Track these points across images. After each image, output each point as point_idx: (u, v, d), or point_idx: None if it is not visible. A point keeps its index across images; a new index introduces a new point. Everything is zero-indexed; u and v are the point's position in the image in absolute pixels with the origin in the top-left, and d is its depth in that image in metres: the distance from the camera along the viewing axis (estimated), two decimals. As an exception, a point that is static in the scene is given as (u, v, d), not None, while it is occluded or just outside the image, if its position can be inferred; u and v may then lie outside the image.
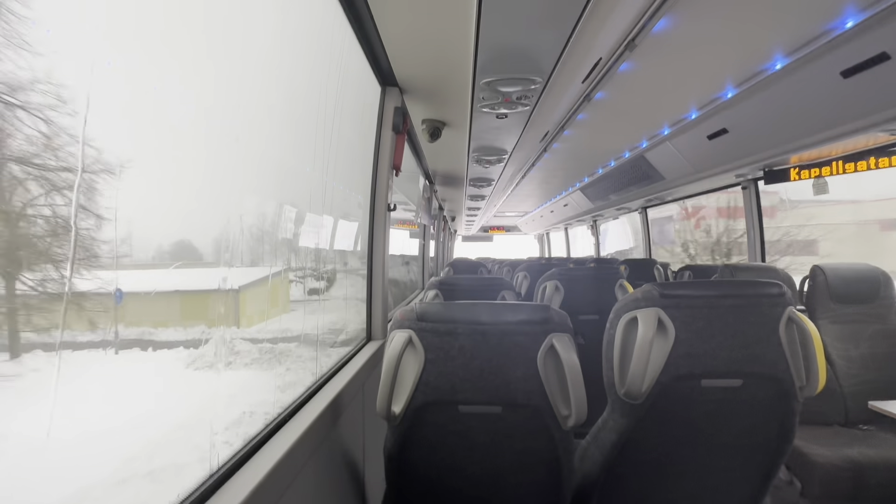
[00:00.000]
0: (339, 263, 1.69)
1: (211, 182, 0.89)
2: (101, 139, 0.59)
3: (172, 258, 0.80)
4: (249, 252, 0.99)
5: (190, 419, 0.82)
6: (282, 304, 1.29)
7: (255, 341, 1.12)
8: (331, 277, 1.61)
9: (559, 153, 3.61)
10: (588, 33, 1.48)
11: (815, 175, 2.60)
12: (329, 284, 1.58)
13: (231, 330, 0.96)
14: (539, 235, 10.64)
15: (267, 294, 1.17)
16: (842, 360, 2.15)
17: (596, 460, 1.19)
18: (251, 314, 1.13)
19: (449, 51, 1.52)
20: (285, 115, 1.21)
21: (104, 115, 0.60)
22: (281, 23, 1.16)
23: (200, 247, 0.88)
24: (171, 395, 0.86)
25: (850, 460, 1.72)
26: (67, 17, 0.55)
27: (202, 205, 0.89)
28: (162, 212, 0.80)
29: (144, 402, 0.77)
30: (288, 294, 1.33)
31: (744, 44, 1.80)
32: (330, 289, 1.59)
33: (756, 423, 1.15)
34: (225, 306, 0.88)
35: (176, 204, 0.83)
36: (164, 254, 0.80)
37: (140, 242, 0.70)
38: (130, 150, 0.66)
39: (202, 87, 0.84)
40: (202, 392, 0.85)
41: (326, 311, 1.48)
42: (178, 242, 0.83)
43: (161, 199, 0.78)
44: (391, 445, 1.05)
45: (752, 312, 1.10)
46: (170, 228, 0.82)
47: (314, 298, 1.42)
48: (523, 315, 1.01)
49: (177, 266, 0.79)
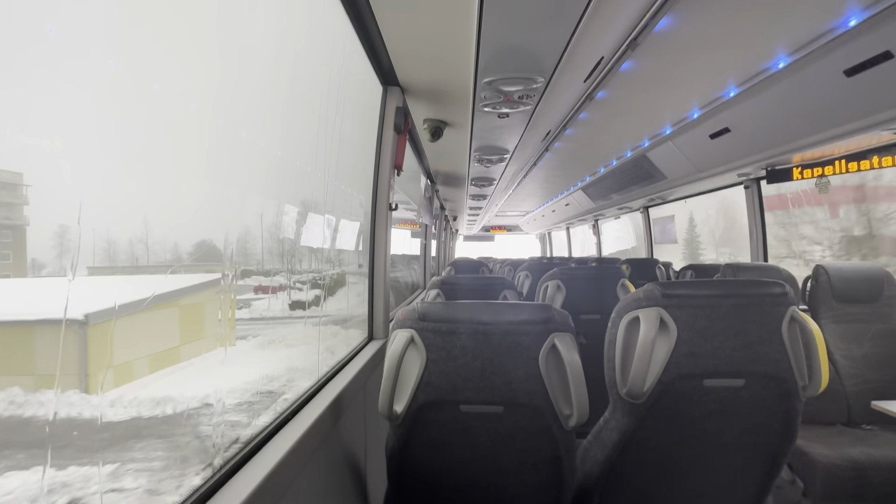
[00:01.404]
0: (340, 262, 1.70)
1: (217, 181, 0.89)
2: (103, 138, 0.60)
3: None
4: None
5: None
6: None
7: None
8: (333, 277, 1.62)
9: (561, 152, 3.60)
10: (590, 32, 1.48)
11: (818, 174, 2.59)
12: (331, 284, 1.58)
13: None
14: (540, 235, 10.63)
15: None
16: (844, 360, 2.14)
17: (597, 460, 1.19)
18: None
19: (450, 50, 1.52)
20: (287, 115, 1.21)
21: (105, 115, 0.61)
22: (283, 22, 1.16)
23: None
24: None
25: (853, 460, 1.71)
26: (71, 16, 0.55)
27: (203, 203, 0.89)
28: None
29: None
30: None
31: (746, 43, 1.79)
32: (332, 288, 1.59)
33: (758, 423, 1.15)
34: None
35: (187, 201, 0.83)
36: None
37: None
38: (130, 149, 0.66)
39: (204, 86, 0.84)
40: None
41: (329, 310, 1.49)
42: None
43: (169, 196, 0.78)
44: (393, 444, 1.05)
45: (754, 312, 1.09)
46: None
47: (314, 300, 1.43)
48: (525, 315, 1.01)
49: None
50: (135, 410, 0.70)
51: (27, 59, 0.49)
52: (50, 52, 0.51)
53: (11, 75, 0.48)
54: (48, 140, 0.51)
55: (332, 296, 1.55)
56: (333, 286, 1.59)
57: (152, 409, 0.72)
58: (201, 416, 0.75)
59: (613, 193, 4.70)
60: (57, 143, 0.51)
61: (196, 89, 0.82)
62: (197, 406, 0.76)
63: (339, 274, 1.68)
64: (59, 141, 0.52)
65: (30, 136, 0.49)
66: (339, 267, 1.67)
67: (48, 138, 0.51)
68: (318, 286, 1.44)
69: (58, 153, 0.52)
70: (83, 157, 0.57)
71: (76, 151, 0.55)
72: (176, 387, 0.75)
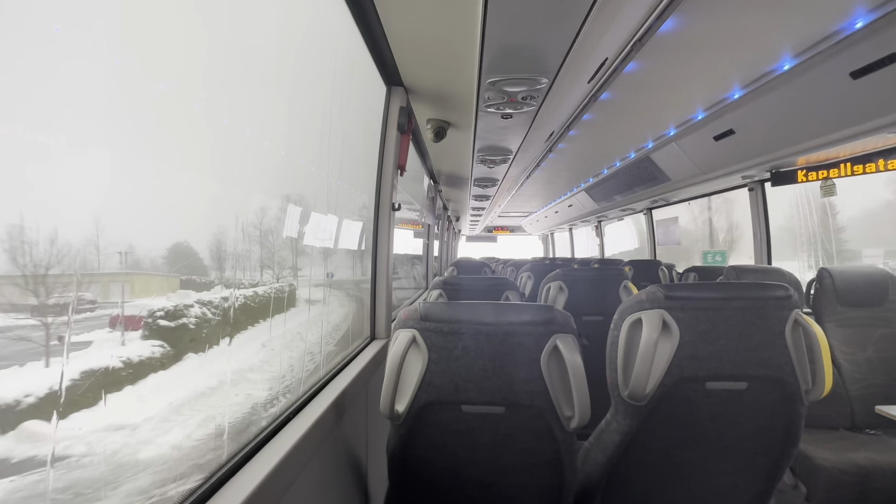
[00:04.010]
0: (343, 261, 1.70)
1: (218, 180, 0.89)
2: (104, 136, 0.60)
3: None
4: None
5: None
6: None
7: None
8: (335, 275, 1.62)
9: (564, 153, 3.60)
10: (594, 33, 1.47)
11: (823, 177, 2.58)
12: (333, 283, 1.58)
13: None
14: (543, 236, 10.62)
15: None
16: (848, 364, 2.13)
17: (598, 462, 1.18)
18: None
19: (454, 50, 1.52)
20: (291, 115, 1.21)
21: (105, 114, 0.61)
22: (286, 21, 1.17)
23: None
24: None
25: (856, 465, 1.70)
26: (77, 16, 0.55)
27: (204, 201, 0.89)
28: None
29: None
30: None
31: (751, 44, 1.79)
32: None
33: (761, 427, 1.14)
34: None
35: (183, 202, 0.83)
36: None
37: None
38: (132, 147, 0.66)
39: (208, 85, 0.84)
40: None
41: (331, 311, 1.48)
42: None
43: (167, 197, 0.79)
44: (394, 444, 1.05)
45: (757, 315, 1.09)
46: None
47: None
48: (527, 315, 1.01)
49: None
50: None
51: (33, 58, 0.49)
52: (56, 51, 0.51)
53: (18, 73, 0.48)
54: (53, 137, 0.51)
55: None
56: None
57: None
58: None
59: (616, 195, 4.68)
60: (62, 140, 0.52)
61: (200, 88, 0.82)
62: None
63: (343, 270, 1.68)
64: (64, 138, 0.52)
65: (35, 133, 0.49)
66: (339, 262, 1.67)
67: (53, 135, 0.51)
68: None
69: (62, 150, 0.52)
70: (86, 154, 0.57)
71: (81, 148, 0.55)
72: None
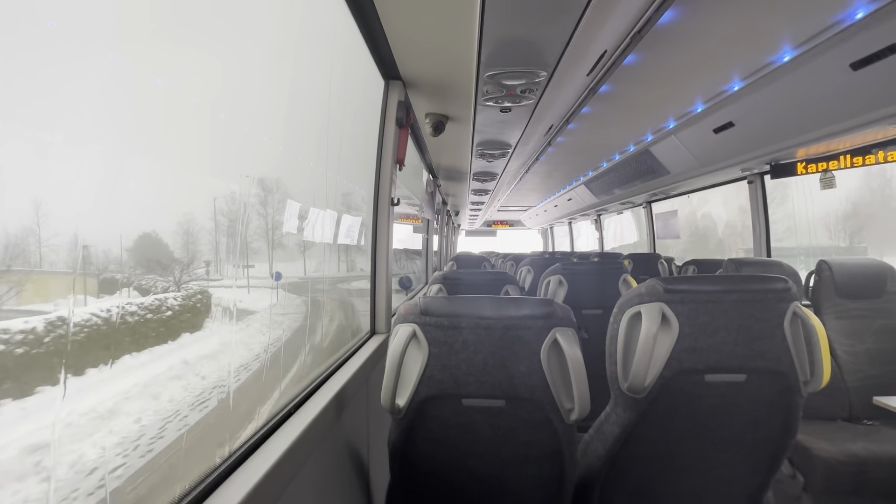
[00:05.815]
0: (342, 257, 1.69)
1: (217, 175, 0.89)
2: (104, 134, 0.60)
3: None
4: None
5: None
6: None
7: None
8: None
9: (563, 147, 3.59)
10: (593, 25, 1.46)
11: (823, 169, 2.57)
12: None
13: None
14: (543, 230, 10.62)
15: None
16: (846, 356, 2.14)
17: (598, 454, 1.19)
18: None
19: (452, 44, 1.51)
20: (288, 110, 1.21)
21: (104, 112, 0.61)
22: (285, 17, 1.16)
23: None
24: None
25: (854, 455, 1.71)
26: (76, 12, 0.55)
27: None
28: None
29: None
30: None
31: (751, 36, 1.78)
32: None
33: (759, 418, 1.15)
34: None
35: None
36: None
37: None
38: (131, 145, 0.66)
39: (206, 80, 0.84)
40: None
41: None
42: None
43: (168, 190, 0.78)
44: (395, 438, 1.06)
45: (756, 307, 1.09)
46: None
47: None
48: (527, 309, 1.01)
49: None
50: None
51: (29, 54, 0.49)
52: (52, 46, 0.51)
53: (12, 69, 0.48)
54: (49, 134, 0.51)
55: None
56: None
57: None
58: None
59: (616, 188, 4.68)
60: (58, 136, 0.52)
61: (198, 83, 0.81)
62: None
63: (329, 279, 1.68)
64: (61, 135, 0.52)
65: (31, 130, 0.49)
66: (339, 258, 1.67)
67: (49, 132, 0.51)
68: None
69: (59, 146, 0.52)
70: (84, 150, 0.57)
71: (77, 144, 0.55)
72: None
